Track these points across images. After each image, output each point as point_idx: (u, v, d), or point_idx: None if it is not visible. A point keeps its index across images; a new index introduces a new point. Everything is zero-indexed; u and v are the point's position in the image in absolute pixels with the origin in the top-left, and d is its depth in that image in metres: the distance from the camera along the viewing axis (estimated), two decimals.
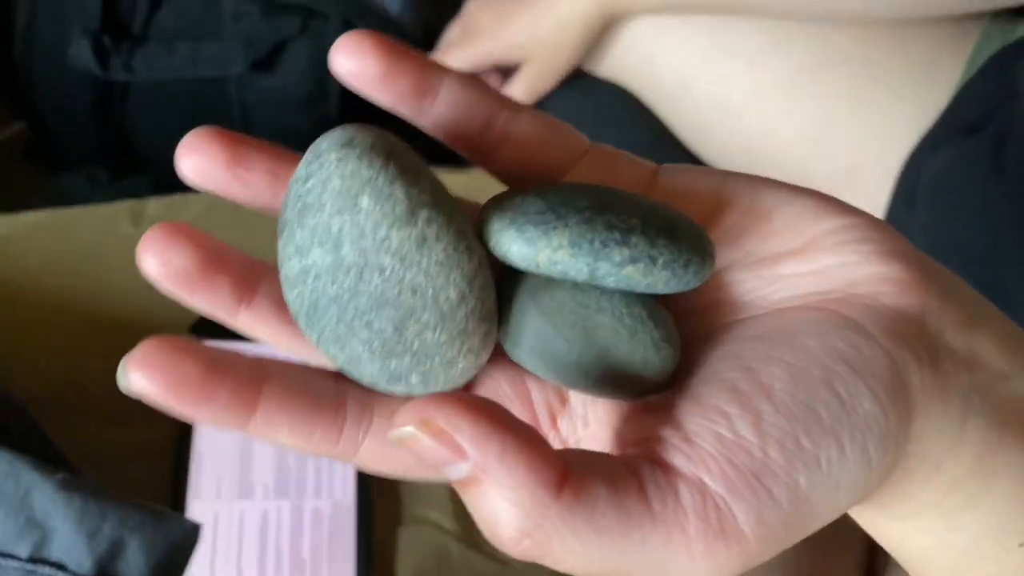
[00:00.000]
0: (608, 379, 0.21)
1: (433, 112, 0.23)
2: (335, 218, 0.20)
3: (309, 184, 0.20)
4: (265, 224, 0.64)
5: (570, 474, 0.18)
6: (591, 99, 0.73)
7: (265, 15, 0.74)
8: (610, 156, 0.24)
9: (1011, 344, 0.23)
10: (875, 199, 0.66)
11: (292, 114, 0.75)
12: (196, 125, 0.89)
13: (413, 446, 0.18)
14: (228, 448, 0.54)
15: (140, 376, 0.19)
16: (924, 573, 0.26)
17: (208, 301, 0.22)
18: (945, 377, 0.22)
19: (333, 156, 0.20)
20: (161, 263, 0.21)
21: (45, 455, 0.47)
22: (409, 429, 0.18)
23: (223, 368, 0.20)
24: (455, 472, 0.18)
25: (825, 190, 0.68)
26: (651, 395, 0.22)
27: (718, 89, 0.69)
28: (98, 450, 0.53)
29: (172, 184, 0.73)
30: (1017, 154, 0.56)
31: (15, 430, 0.47)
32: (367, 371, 0.21)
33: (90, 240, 0.63)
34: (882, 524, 0.25)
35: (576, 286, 0.21)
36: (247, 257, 0.22)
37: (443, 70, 0.23)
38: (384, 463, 0.22)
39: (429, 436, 0.17)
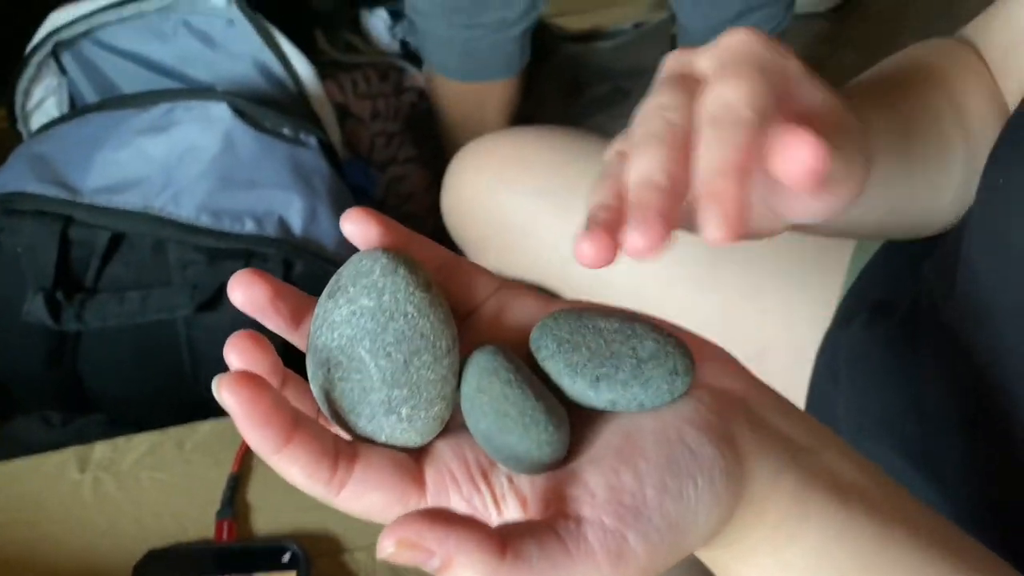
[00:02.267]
0: (506, 457, 0.29)
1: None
2: (381, 279, 0.30)
3: (364, 262, 0.30)
4: (197, 457, 0.66)
5: (508, 542, 0.25)
6: None
7: (210, 262, 0.80)
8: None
9: (814, 431, 0.33)
10: (788, 380, 0.70)
11: None
12: (146, 365, 0.93)
13: (398, 558, 0.25)
14: None
15: (228, 391, 0.26)
16: None
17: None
18: (762, 439, 0.31)
19: (379, 250, 0.31)
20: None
21: None
22: (391, 549, 0.25)
23: (282, 402, 0.27)
24: (431, 565, 0.25)
25: None
26: (544, 472, 0.29)
27: (633, 282, 0.74)
28: None
29: (123, 420, 0.75)
30: (930, 343, 0.60)
31: None
32: (373, 399, 0.29)
33: (38, 489, 0.65)
34: (728, 567, 0.32)
35: (508, 381, 0.29)
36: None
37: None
38: (358, 503, 0.28)
39: (407, 550, 0.25)
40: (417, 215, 1.31)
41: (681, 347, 0.31)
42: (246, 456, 0.66)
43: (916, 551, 0.32)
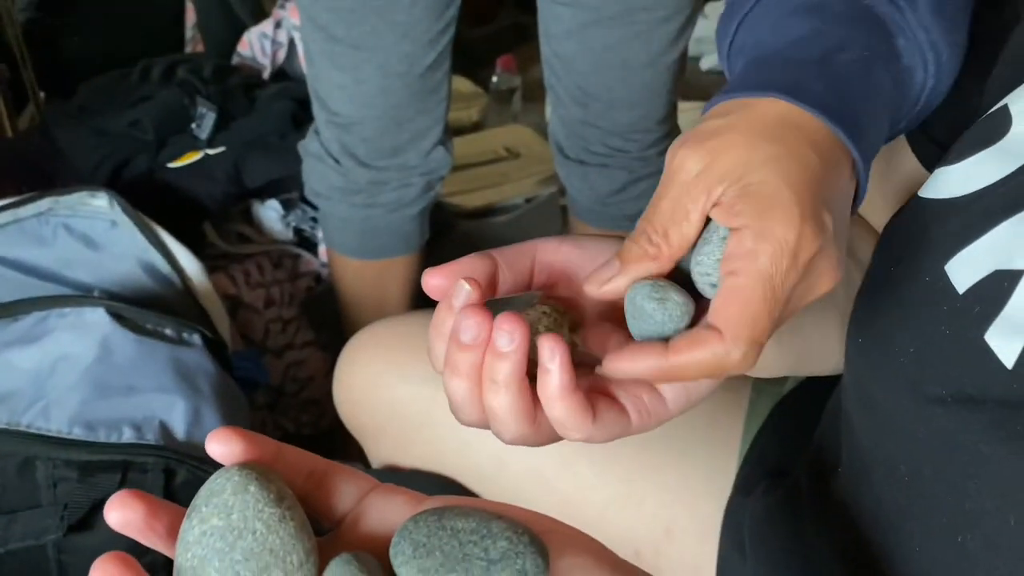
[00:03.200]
0: None
1: None
2: (231, 497, 0.31)
3: (218, 481, 0.31)
4: None
5: None
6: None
7: (82, 477, 0.75)
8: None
9: None
10: (699, 552, 0.68)
11: None
12: None
13: None
14: None
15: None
16: None
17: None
18: None
19: (234, 468, 0.32)
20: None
21: None
22: None
23: None
24: None
25: (648, 551, 0.71)
26: None
27: (531, 463, 0.72)
28: None
29: None
30: (819, 501, 0.60)
31: None
32: None
33: None
34: None
35: None
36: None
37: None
38: None
39: None
40: (317, 399, 1.28)
41: (535, 546, 0.31)
42: None
43: None
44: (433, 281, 0.39)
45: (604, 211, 1.18)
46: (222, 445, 0.33)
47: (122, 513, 0.31)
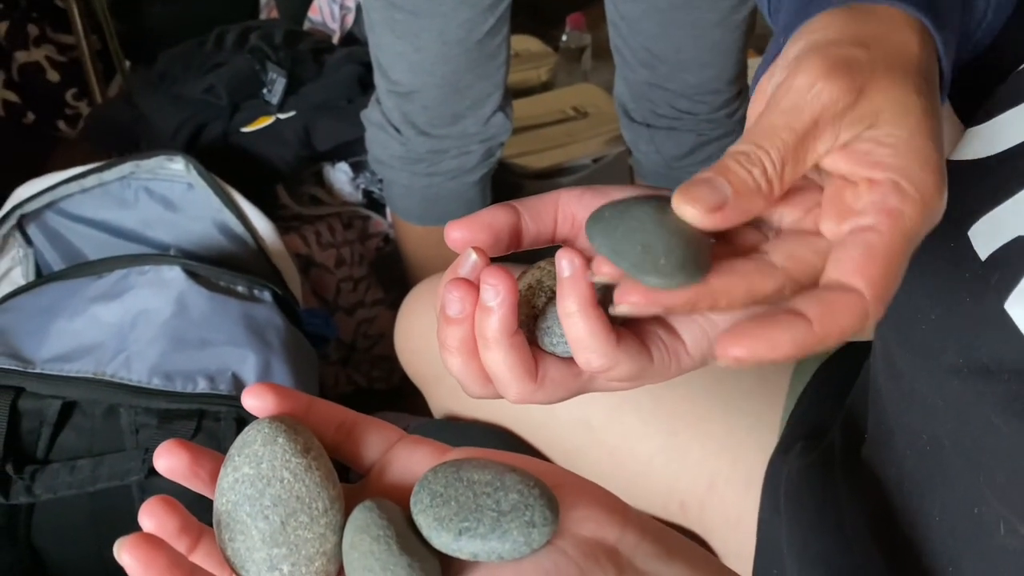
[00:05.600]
0: None
1: None
2: (261, 448, 0.33)
3: (250, 433, 0.33)
4: None
5: None
6: (467, 441, 0.78)
7: (162, 424, 0.80)
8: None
9: (704, 569, 0.33)
10: (739, 507, 0.69)
11: None
12: (102, 531, 0.91)
13: None
14: None
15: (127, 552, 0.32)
16: None
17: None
18: None
19: (265, 420, 0.34)
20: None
21: None
22: None
23: (178, 560, 0.32)
24: None
25: (693, 503, 0.71)
26: None
27: (579, 412, 0.74)
28: None
29: None
30: (850, 465, 0.60)
31: None
32: (257, 557, 0.32)
33: None
34: None
35: (376, 537, 0.31)
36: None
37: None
38: None
39: None
40: (387, 355, 1.32)
41: (544, 499, 0.32)
42: None
43: None
44: (455, 234, 0.37)
45: (671, 175, 1.17)
46: (256, 399, 0.35)
47: (168, 460, 0.33)
